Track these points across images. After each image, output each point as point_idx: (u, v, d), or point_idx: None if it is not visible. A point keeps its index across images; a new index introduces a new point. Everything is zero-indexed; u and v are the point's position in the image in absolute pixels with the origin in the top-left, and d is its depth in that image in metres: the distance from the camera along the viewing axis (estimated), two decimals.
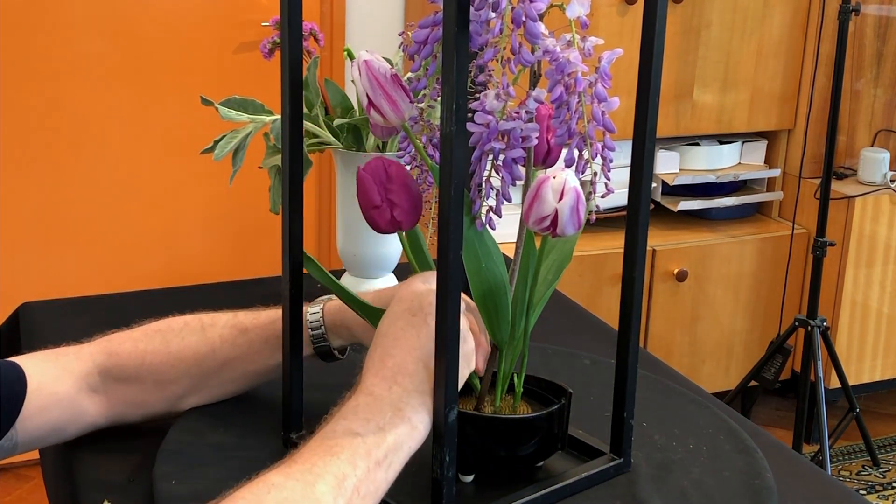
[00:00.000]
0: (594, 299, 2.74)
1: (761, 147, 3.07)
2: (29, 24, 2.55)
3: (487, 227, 0.89)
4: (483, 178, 0.87)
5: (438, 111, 0.80)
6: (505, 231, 0.95)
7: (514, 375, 0.98)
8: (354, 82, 0.91)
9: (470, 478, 0.97)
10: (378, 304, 0.97)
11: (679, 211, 2.96)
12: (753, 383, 2.98)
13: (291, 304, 0.98)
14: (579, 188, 0.86)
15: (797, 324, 2.83)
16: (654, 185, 2.95)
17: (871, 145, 3.10)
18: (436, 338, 0.84)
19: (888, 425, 3.21)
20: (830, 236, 2.84)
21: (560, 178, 0.86)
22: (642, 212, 0.94)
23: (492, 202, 0.89)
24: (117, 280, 2.67)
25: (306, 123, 1.36)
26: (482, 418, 0.95)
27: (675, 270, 2.88)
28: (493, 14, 0.83)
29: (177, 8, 2.69)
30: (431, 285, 0.90)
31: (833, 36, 2.81)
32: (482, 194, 0.88)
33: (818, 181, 2.85)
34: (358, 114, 1.41)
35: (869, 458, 2.97)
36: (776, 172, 3.06)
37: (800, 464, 1.13)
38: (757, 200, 3.10)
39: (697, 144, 2.99)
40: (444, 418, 0.84)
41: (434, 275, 0.86)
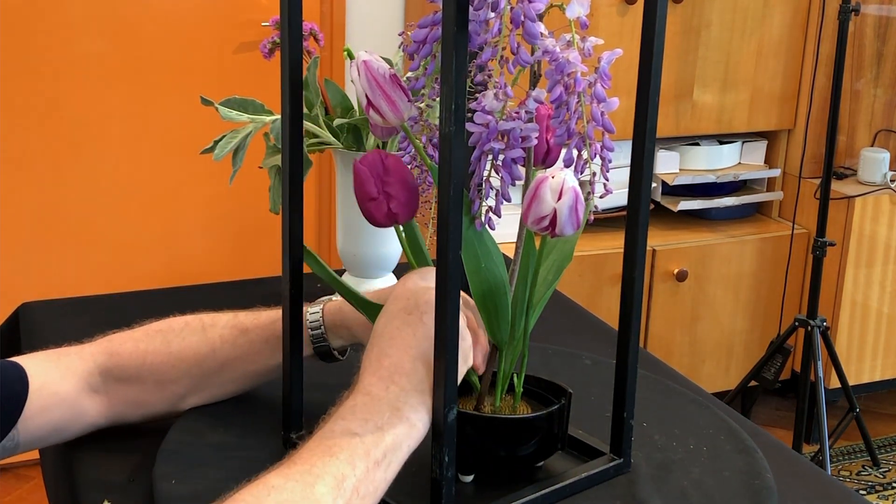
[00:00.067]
0: (594, 299, 2.74)
1: (761, 147, 3.07)
2: (29, 24, 2.55)
3: (487, 227, 0.89)
4: (483, 178, 0.87)
5: (437, 111, 0.80)
6: (505, 231, 0.95)
7: (514, 375, 0.98)
8: (354, 82, 0.91)
9: (470, 478, 0.97)
10: (377, 302, 0.97)
11: (679, 211, 2.96)
12: (753, 383, 2.98)
13: (291, 303, 0.98)
14: (578, 188, 0.86)
15: (797, 324, 2.83)
16: (654, 185, 2.95)
17: (871, 145, 3.09)
18: (435, 338, 0.84)
19: (888, 425, 3.21)
20: (830, 236, 2.84)
21: (559, 177, 0.86)
22: (642, 212, 0.94)
23: (491, 202, 0.89)
24: (117, 280, 2.67)
25: (306, 123, 1.36)
26: (482, 418, 0.95)
27: (675, 270, 2.88)
28: (492, 14, 0.83)
29: (177, 8, 2.69)
30: (427, 282, 0.90)
31: (833, 36, 2.80)
32: (482, 194, 0.88)
33: (818, 181, 2.85)
34: (358, 114, 1.41)
35: (869, 458, 2.97)
36: (776, 172, 3.06)
37: (800, 464, 1.13)
38: (757, 200, 3.10)
39: (697, 144, 2.99)
40: (443, 418, 0.84)
41: (431, 271, 0.86)
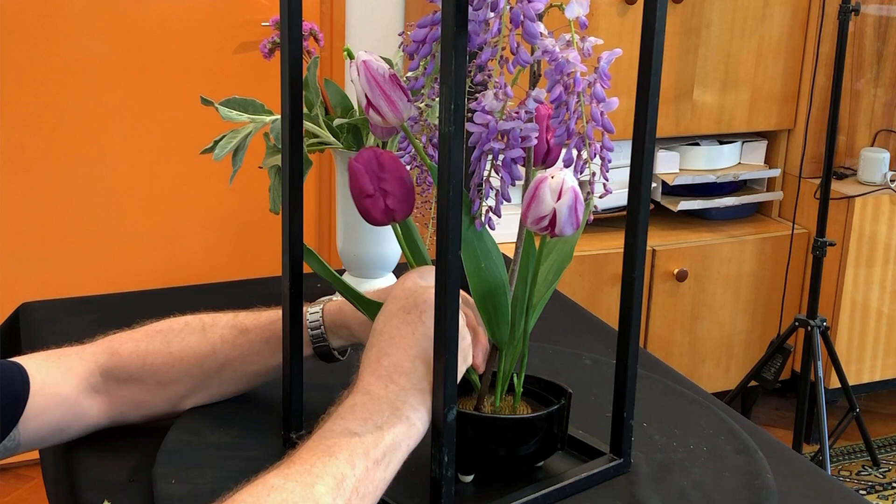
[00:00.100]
0: (594, 299, 2.74)
1: (761, 147, 3.07)
2: (29, 24, 2.55)
3: (487, 227, 0.89)
4: (483, 178, 0.87)
5: (437, 111, 0.80)
6: (505, 231, 0.95)
7: (514, 375, 0.98)
8: (353, 82, 0.91)
9: (470, 478, 0.97)
10: (378, 301, 0.97)
11: (679, 211, 2.96)
12: (753, 383, 2.98)
13: (291, 303, 0.98)
14: (577, 188, 0.86)
15: (797, 324, 2.83)
16: (654, 185, 2.95)
17: (871, 145, 3.09)
18: (434, 338, 0.84)
19: (888, 425, 3.20)
20: (830, 236, 2.84)
21: (558, 177, 0.86)
22: (642, 212, 0.94)
23: (491, 202, 0.89)
24: (117, 280, 2.67)
25: (306, 123, 1.36)
26: (482, 418, 0.95)
27: (675, 270, 2.88)
28: (491, 14, 0.83)
29: (177, 8, 2.69)
30: (426, 281, 0.90)
31: (833, 36, 2.80)
32: (482, 194, 0.88)
33: (818, 181, 2.85)
34: (358, 114, 1.41)
35: (869, 458, 2.97)
36: (776, 172, 3.06)
37: (800, 464, 1.13)
38: (757, 200, 3.10)
39: (697, 144, 2.99)
40: (442, 418, 0.84)
41: (430, 270, 0.86)
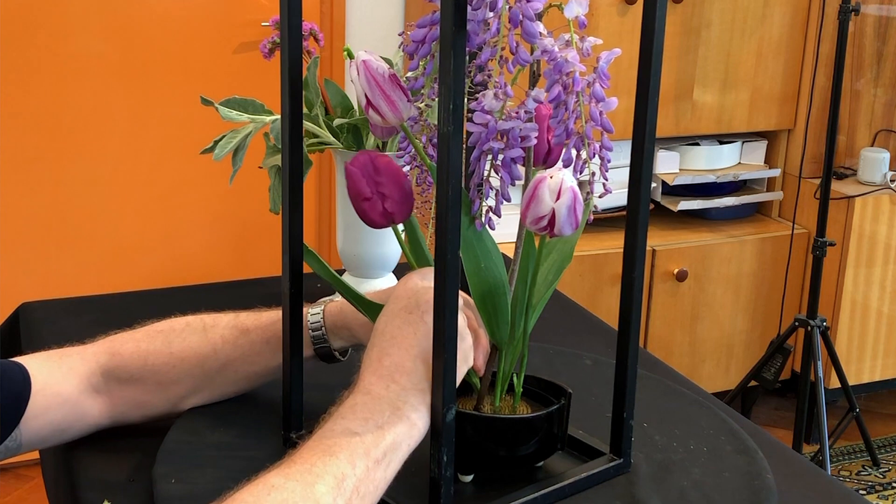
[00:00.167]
0: (594, 299, 2.74)
1: (761, 147, 3.07)
2: (29, 24, 2.55)
3: (487, 227, 0.89)
4: (482, 178, 0.87)
5: (437, 111, 0.80)
6: (505, 231, 0.95)
7: (514, 375, 0.98)
8: (353, 82, 0.91)
9: (469, 478, 0.97)
10: (378, 302, 0.97)
11: (679, 211, 2.96)
12: (753, 383, 2.98)
13: (291, 303, 0.98)
14: (576, 188, 0.86)
15: (797, 324, 2.83)
16: (654, 185, 2.95)
17: (871, 145, 3.09)
18: (433, 338, 0.84)
19: (888, 425, 3.20)
20: (830, 236, 2.84)
21: (557, 177, 0.86)
22: (642, 212, 0.94)
23: (491, 202, 0.89)
24: (117, 280, 2.67)
25: (306, 123, 1.36)
26: (482, 418, 0.95)
27: (675, 270, 2.88)
28: (490, 13, 0.83)
29: (177, 8, 2.69)
30: (428, 282, 0.90)
31: (833, 36, 2.80)
32: (482, 194, 0.88)
33: (818, 181, 2.85)
34: (358, 114, 1.41)
35: (869, 458, 2.97)
36: (776, 172, 3.06)
37: (800, 464, 1.13)
38: (757, 200, 3.10)
39: (697, 144, 2.99)
40: (441, 418, 0.84)
41: (432, 271, 0.86)
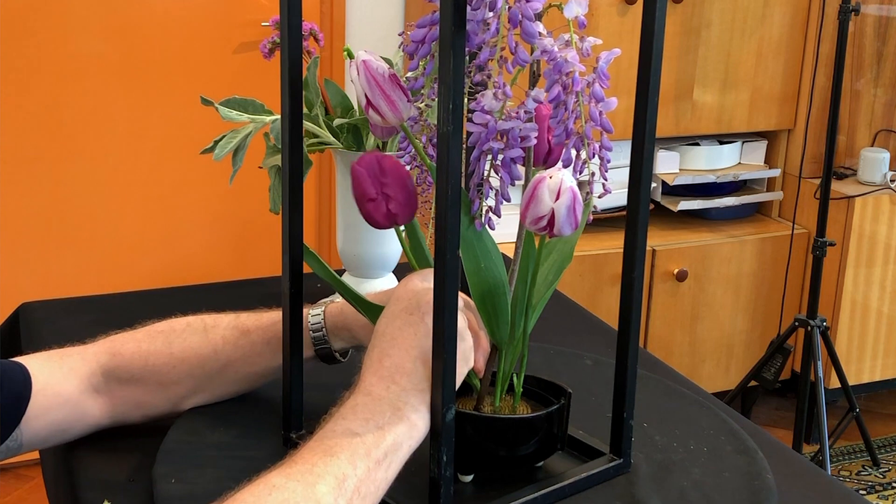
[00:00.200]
0: (594, 299, 2.74)
1: (761, 147, 3.07)
2: (29, 24, 2.55)
3: (486, 227, 0.89)
4: (482, 178, 0.87)
5: (437, 111, 0.80)
6: (505, 231, 0.95)
7: (514, 375, 0.98)
8: (353, 82, 0.91)
9: (469, 478, 0.97)
10: (379, 303, 0.97)
11: (679, 211, 2.96)
12: (753, 383, 2.98)
13: (291, 303, 0.98)
14: (576, 188, 0.86)
15: (797, 324, 2.83)
16: (654, 185, 2.95)
17: (871, 145, 3.09)
18: (433, 338, 0.84)
19: (888, 425, 3.20)
20: (830, 236, 2.84)
21: (556, 177, 0.86)
22: (642, 212, 0.94)
23: (491, 202, 0.89)
24: (117, 280, 2.67)
25: (306, 123, 1.36)
26: (482, 418, 0.95)
27: (675, 270, 2.88)
28: (489, 13, 0.83)
29: (177, 8, 2.69)
30: (428, 283, 0.90)
31: (833, 36, 2.80)
32: (481, 194, 0.88)
33: (818, 181, 2.85)
34: (358, 114, 1.41)
35: (869, 458, 2.97)
36: (776, 172, 3.06)
37: (800, 464, 1.13)
38: (757, 200, 3.10)
39: (697, 144, 2.99)
40: (441, 418, 0.84)
41: (433, 272, 0.86)
